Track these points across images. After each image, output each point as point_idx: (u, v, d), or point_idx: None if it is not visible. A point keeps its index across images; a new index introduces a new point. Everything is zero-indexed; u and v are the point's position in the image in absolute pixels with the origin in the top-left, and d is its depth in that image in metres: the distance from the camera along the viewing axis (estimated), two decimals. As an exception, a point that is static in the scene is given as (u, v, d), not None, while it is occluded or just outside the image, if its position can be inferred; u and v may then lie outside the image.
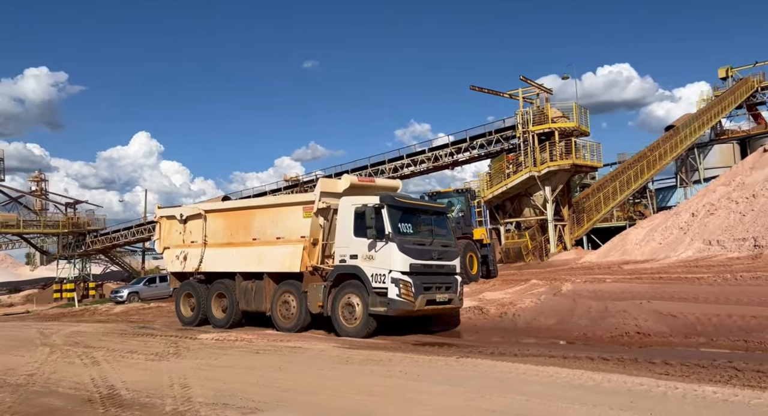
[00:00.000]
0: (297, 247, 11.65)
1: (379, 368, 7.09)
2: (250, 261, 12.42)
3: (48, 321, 18.53)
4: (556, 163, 26.98)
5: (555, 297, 12.47)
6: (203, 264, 13.34)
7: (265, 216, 12.44)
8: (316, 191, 11.53)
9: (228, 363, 8.03)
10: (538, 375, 6.27)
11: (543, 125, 27.55)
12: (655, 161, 34.18)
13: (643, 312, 10.24)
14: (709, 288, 11.55)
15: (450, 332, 11.64)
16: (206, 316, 13.31)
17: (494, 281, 16.46)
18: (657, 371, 6.34)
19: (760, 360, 7.03)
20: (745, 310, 9.54)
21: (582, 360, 7.20)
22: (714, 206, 22.17)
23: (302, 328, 11.56)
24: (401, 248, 10.44)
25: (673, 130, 39.79)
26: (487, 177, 30.16)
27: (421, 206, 11.60)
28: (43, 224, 50.59)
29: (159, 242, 14.62)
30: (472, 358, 7.61)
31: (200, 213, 13.52)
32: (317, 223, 11.64)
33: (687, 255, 19.84)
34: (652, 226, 24.16)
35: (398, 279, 10.30)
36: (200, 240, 13.49)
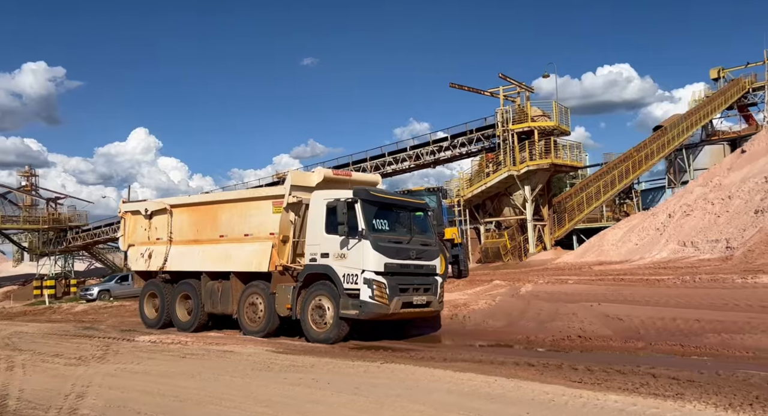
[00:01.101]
0: (265, 245, 10.40)
1: (294, 375, 6.63)
2: (217, 260, 11.11)
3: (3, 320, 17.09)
4: (535, 162, 26.12)
5: (510, 299, 11.70)
6: (168, 262, 11.97)
7: (232, 212, 11.16)
8: (286, 184, 10.31)
9: (145, 369, 7.42)
10: (451, 382, 5.96)
11: (522, 124, 26.66)
12: (641, 161, 33.64)
13: (591, 314, 9.66)
14: (665, 291, 11.00)
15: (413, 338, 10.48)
16: (171, 318, 12.07)
17: (460, 281, 15.56)
18: (573, 378, 5.96)
19: (683, 365, 6.71)
20: (691, 314, 9.03)
21: (506, 366, 6.87)
22: (690, 207, 21.55)
23: (270, 333, 10.27)
24: (375, 246, 9.30)
25: (661, 131, 39.21)
26: (467, 176, 29.30)
27: (399, 201, 10.45)
28: (23, 220, 48.50)
29: (123, 239, 13.21)
30: (396, 364, 7.11)
31: (166, 207, 12.22)
32: (288, 219, 10.43)
33: (661, 256, 19.17)
34: (630, 227, 23.48)
35: (371, 280, 9.14)
36: (165, 237, 12.11)
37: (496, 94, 28.28)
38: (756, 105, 45.11)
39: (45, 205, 54.73)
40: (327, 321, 9.47)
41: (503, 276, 17.05)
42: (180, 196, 12.79)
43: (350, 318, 9.28)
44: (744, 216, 18.49)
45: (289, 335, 10.19)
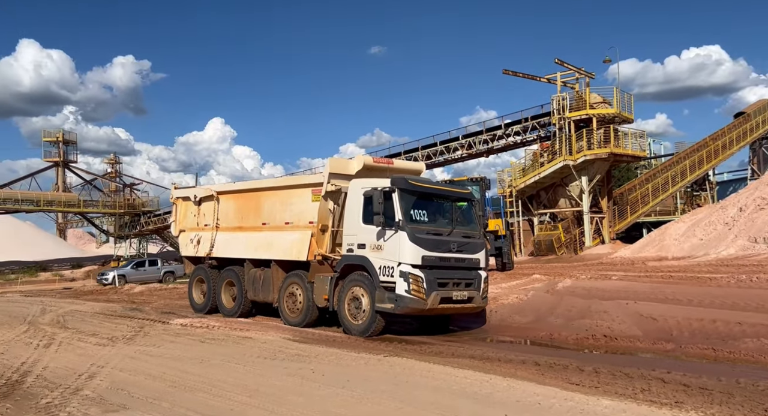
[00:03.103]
0: (305, 234, 10.26)
1: (294, 365, 6.69)
2: (259, 248, 11.16)
3: (69, 298, 18.17)
4: (592, 151, 24.61)
5: (544, 294, 11.26)
6: (214, 248, 12.19)
7: (274, 199, 11.10)
8: (325, 172, 10.07)
9: (162, 352, 7.73)
10: (443, 379, 5.87)
11: (580, 111, 25.17)
12: (718, 151, 30.93)
13: (623, 313, 9.15)
14: (714, 291, 10.25)
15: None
16: (216, 304, 12.16)
17: (499, 275, 15.00)
18: (572, 380, 5.72)
19: (703, 371, 6.23)
20: (733, 316, 8.37)
21: (510, 364, 6.68)
22: (765, 200, 19.52)
23: (309, 323, 10.20)
24: (412, 238, 8.87)
25: (743, 117, 35.97)
26: (521, 165, 28.01)
27: (441, 191, 9.93)
28: (102, 204, 51.70)
29: (175, 224, 13.59)
30: (399, 358, 7.07)
31: (213, 194, 12.33)
32: (326, 208, 10.19)
33: (728, 253, 17.55)
34: (695, 221, 21.63)
35: (408, 274, 8.74)
36: (212, 224, 12.32)
37: (554, 81, 26.74)
38: None
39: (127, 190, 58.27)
40: (363, 313, 9.09)
41: (547, 271, 16.25)
42: (226, 183, 12.80)
43: (386, 312, 8.80)
44: (828, 211, 16.38)
45: (329, 326, 9.93)
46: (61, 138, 55.74)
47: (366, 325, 9.21)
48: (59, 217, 67.01)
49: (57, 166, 56.31)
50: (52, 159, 56.13)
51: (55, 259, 54.48)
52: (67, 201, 49.47)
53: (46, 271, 44.67)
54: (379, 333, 9.26)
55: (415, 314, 9.15)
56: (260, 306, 11.72)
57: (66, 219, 69.98)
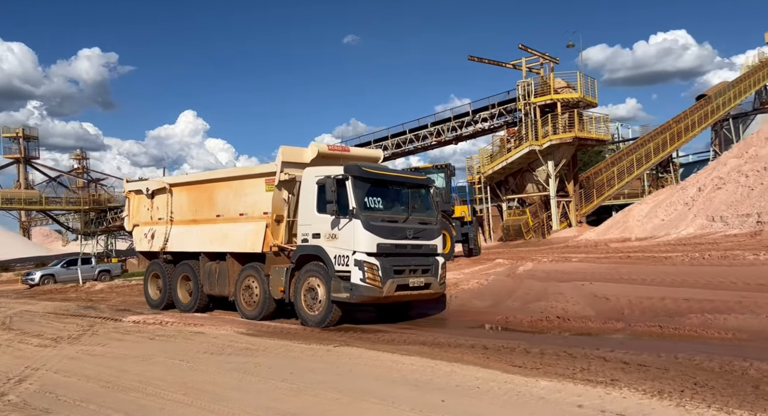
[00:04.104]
0: (259, 225, 10.02)
1: (240, 359, 6.58)
2: (214, 241, 10.87)
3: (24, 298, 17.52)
4: (557, 136, 24.80)
5: (504, 278, 11.35)
6: (169, 243, 11.84)
7: (228, 190, 10.81)
8: (277, 161, 9.82)
9: (105, 352, 7.49)
10: (387, 367, 5.83)
11: (545, 96, 25.29)
12: (681, 133, 31.53)
13: (578, 294, 9.28)
14: (667, 269, 10.46)
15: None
16: (173, 299, 11.83)
17: (463, 260, 15.04)
18: (516, 363, 5.78)
19: (645, 348, 6.28)
20: (682, 293, 8.58)
21: (459, 349, 6.65)
22: (723, 180, 20.00)
23: (267, 316, 9.99)
24: (367, 226, 8.73)
25: (704, 100, 36.73)
26: (488, 152, 28.08)
27: (396, 178, 9.79)
28: (65, 201, 50.09)
29: (128, 219, 13.16)
30: (349, 347, 7.04)
31: (165, 187, 11.92)
32: (281, 198, 9.96)
33: (687, 232, 17.97)
34: (657, 202, 22.06)
35: (363, 262, 8.62)
36: (166, 217, 11.94)
37: (519, 67, 26.76)
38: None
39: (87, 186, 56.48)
40: (319, 304, 8.92)
41: (513, 255, 16.35)
42: (179, 175, 12.39)
43: (342, 302, 8.65)
44: (780, 189, 16.89)
45: (288, 318, 9.75)
46: (21, 133, 53.67)
47: (322, 316, 9.07)
48: (22, 215, 64.75)
49: (18, 163, 54.28)
50: (13, 155, 54.11)
51: (18, 259, 52.64)
52: (27, 198, 47.83)
53: (8, 271, 43.13)
54: (336, 323, 9.13)
55: (371, 302, 9.05)
56: (218, 300, 11.47)
57: (30, 217, 67.70)
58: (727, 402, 4.12)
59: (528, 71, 26.89)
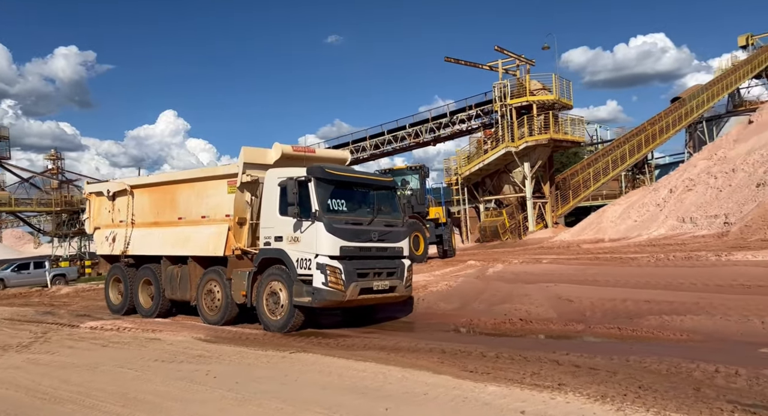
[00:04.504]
0: (222, 228, 9.85)
1: (190, 367, 6.42)
2: (175, 244, 10.65)
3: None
4: (533, 137, 25.00)
5: (473, 280, 11.32)
6: (130, 246, 11.58)
7: (190, 192, 10.60)
8: (239, 162, 9.66)
9: (52, 361, 7.27)
10: (337, 375, 5.75)
11: (521, 98, 25.48)
12: (655, 135, 32.06)
13: (543, 296, 9.35)
14: (633, 270, 10.57)
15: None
16: (134, 304, 11.56)
17: (435, 262, 15.06)
18: (469, 367, 5.73)
19: (599, 351, 6.32)
20: (644, 294, 8.66)
21: (416, 353, 6.62)
22: (693, 181, 20.38)
23: (229, 321, 9.81)
24: (330, 228, 8.62)
25: (678, 103, 37.44)
26: (465, 153, 28.19)
27: (360, 179, 9.70)
28: (36, 202, 48.89)
29: (89, 222, 12.84)
30: (305, 354, 6.91)
31: (126, 188, 11.66)
32: (243, 200, 9.80)
33: (659, 233, 18.26)
34: (630, 203, 22.39)
35: (325, 265, 8.51)
36: (127, 220, 11.67)
37: (495, 68, 26.91)
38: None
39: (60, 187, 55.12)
40: (281, 308, 8.79)
41: (486, 256, 16.41)
42: (140, 176, 12.13)
43: (305, 306, 8.53)
44: (745, 190, 17.40)
45: (252, 323, 9.60)
46: (-11, 133, 52.10)
47: (284, 321, 8.94)
48: (-8, 218, 63.00)
49: (-14, 164, 52.70)
50: (-19, 156, 52.42)
51: (-17, 262, 51.15)
52: (-4, 199, 46.45)
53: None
54: (298, 327, 9.01)
55: (334, 306, 8.94)
56: (182, 305, 11.23)
57: (0, 218, 65.90)
58: (666, 406, 4.13)
59: (504, 73, 27.08)
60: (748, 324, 6.77)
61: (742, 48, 45.48)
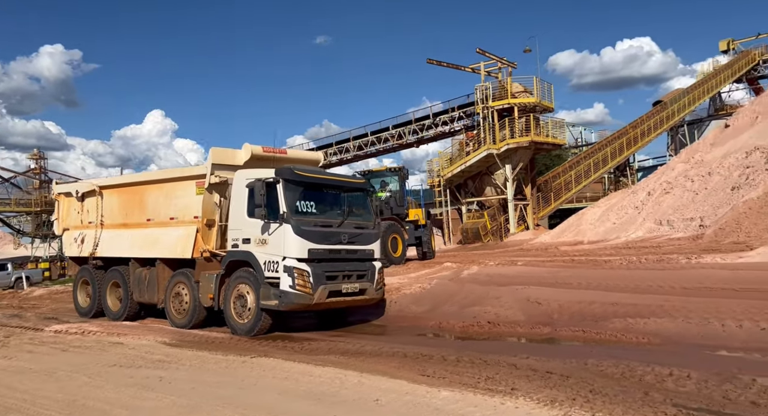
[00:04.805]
0: (190, 229, 9.73)
1: (146, 373, 6.29)
2: (144, 246, 10.49)
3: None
4: (514, 140, 25.12)
5: (447, 283, 11.29)
6: (98, 248, 11.39)
7: (158, 193, 10.46)
8: (207, 163, 9.55)
9: (8, 366, 7.08)
10: (294, 380, 5.67)
11: (502, 101, 25.59)
12: (637, 138, 32.44)
13: (513, 298, 9.37)
14: (604, 273, 10.60)
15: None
16: (102, 307, 11.37)
17: (412, 264, 15.08)
18: (427, 372, 5.72)
19: (559, 354, 6.37)
20: (612, 297, 8.69)
21: (378, 358, 6.56)
22: (670, 184, 20.62)
23: (197, 325, 9.68)
24: (297, 231, 8.55)
25: (660, 106, 37.91)
26: (448, 155, 28.26)
27: (331, 181, 9.64)
28: (14, 202, 48.03)
29: (58, 223, 12.60)
30: (266, 358, 6.81)
31: (95, 189, 11.47)
32: (212, 201, 9.69)
33: (636, 235, 18.43)
34: (609, 206, 22.59)
35: (292, 268, 8.43)
36: (96, 221, 11.48)
37: (477, 70, 27.01)
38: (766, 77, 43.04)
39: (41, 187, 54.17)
40: (249, 311, 8.70)
41: (464, 258, 16.43)
42: (110, 177, 11.96)
43: (272, 310, 8.44)
44: (721, 193, 17.63)
45: (220, 326, 9.50)
46: (-35, 131, 51.06)
47: (251, 324, 8.84)
48: (-31, 218, 61.66)
49: (-37, 163, 51.65)
50: (-43, 155, 51.35)
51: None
52: (-29, 200, 45.52)
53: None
54: (266, 331, 8.91)
55: (301, 309, 8.87)
56: (152, 308, 11.06)
57: (-23, 219, 64.54)
58: (612, 410, 4.13)
59: (487, 75, 27.21)
60: (708, 327, 6.83)
61: (724, 52, 46.24)
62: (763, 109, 20.48)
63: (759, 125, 19.70)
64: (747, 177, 17.31)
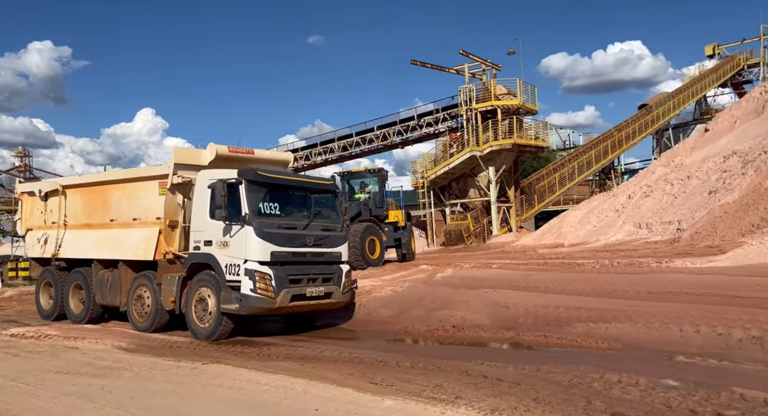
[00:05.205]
0: (152, 231, 9.54)
1: (89, 381, 6.07)
2: (106, 247, 10.28)
3: None
4: (497, 142, 25.13)
5: (420, 286, 11.20)
6: (61, 248, 11.14)
7: (122, 193, 10.25)
8: (170, 162, 9.36)
9: None
10: (241, 388, 5.51)
11: (486, 102, 25.59)
12: (621, 141, 32.64)
13: (481, 302, 9.30)
14: (575, 276, 10.56)
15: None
16: (65, 310, 11.13)
17: (390, 266, 15.00)
18: (377, 379, 5.53)
19: (516, 360, 6.26)
20: (578, 301, 8.63)
21: (333, 364, 6.46)
22: (650, 188, 20.70)
23: (159, 328, 9.48)
24: (260, 233, 8.40)
25: (645, 109, 38.20)
26: (432, 156, 28.22)
27: (297, 183, 9.49)
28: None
29: (21, 223, 12.32)
30: (219, 365, 6.65)
31: (58, 188, 11.24)
32: (175, 202, 9.51)
33: (616, 238, 18.45)
34: (590, 208, 22.64)
35: (254, 271, 8.27)
36: (60, 221, 11.24)
37: (462, 72, 27.00)
38: (751, 82, 43.57)
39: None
40: (210, 315, 8.54)
41: (443, 260, 16.35)
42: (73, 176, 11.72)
43: (234, 314, 8.29)
44: (698, 197, 17.71)
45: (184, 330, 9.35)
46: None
47: (212, 328, 8.67)
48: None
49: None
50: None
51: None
52: (-51, 198, 44.76)
53: None
54: (228, 335, 8.75)
55: (263, 314, 8.72)
56: (117, 311, 10.83)
57: (-43, 218, 63.43)
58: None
59: (471, 77, 27.21)
60: (667, 332, 6.78)
61: (710, 57, 46.74)
62: (742, 114, 20.65)
63: (737, 130, 19.85)
64: (724, 181, 17.41)
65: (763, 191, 15.20)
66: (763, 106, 19.82)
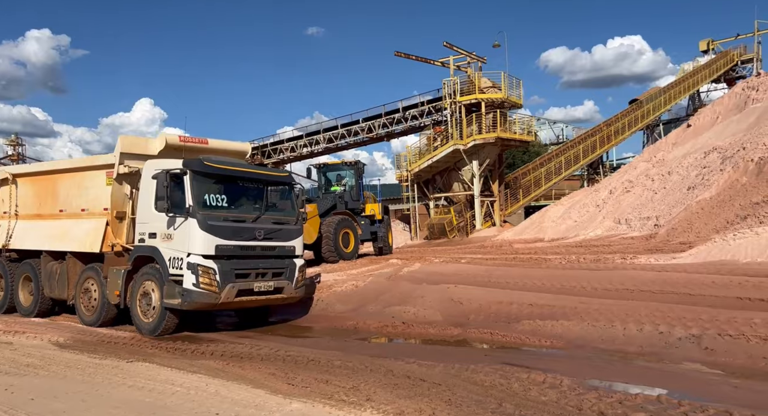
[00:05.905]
0: (100, 222, 9.29)
1: (9, 380, 5.79)
2: (54, 238, 10.03)
3: None
4: (481, 136, 24.87)
5: (382, 281, 10.96)
6: (12, 239, 10.87)
7: (71, 183, 9.99)
8: (116, 152, 9.09)
9: None
10: (153, 388, 5.29)
11: (470, 96, 25.30)
12: (611, 136, 32.43)
13: (437, 298, 9.10)
14: (538, 272, 10.35)
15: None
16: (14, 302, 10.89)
17: (362, 260, 14.75)
18: (295, 380, 5.31)
19: (449, 358, 6.05)
20: (532, 298, 8.44)
21: (261, 364, 6.21)
22: (632, 183, 20.55)
23: (106, 323, 9.25)
24: (204, 226, 8.16)
25: (636, 104, 37.99)
26: (416, 149, 27.96)
27: (248, 174, 9.21)
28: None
29: (-26, 213, 11.96)
30: (142, 363, 6.43)
31: (8, 177, 10.95)
32: (122, 192, 9.25)
33: (595, 234, 18.28)
34: (572, 203, 22.48)
35: (197, 265, 8.04)
36: (11, 211, 10.97)
37: (447, 64, 26.69)
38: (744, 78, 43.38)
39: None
40: (153, 310, 8.32)
41: (419, 254, 16.19)
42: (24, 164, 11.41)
43: (176, 309, 8.06)
44: (678, 193, 17.56)
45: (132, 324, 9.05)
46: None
47: (155, 323, 8.44)
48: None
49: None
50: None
51: None
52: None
53: None
54: (173, 330, 8.52)
55: (207, 309, 8.48)
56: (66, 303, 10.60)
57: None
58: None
59: (456, 69, 26.90)
60: (611, 330, 6.59)
61: (704, 53, 46.52)
62: (724, 110, 20.46)
63: (718, 126, 19.67)
64: (703, 177, 17.25)
65: (739, 187, 15.04)
66: (744, 102, 19.63)
